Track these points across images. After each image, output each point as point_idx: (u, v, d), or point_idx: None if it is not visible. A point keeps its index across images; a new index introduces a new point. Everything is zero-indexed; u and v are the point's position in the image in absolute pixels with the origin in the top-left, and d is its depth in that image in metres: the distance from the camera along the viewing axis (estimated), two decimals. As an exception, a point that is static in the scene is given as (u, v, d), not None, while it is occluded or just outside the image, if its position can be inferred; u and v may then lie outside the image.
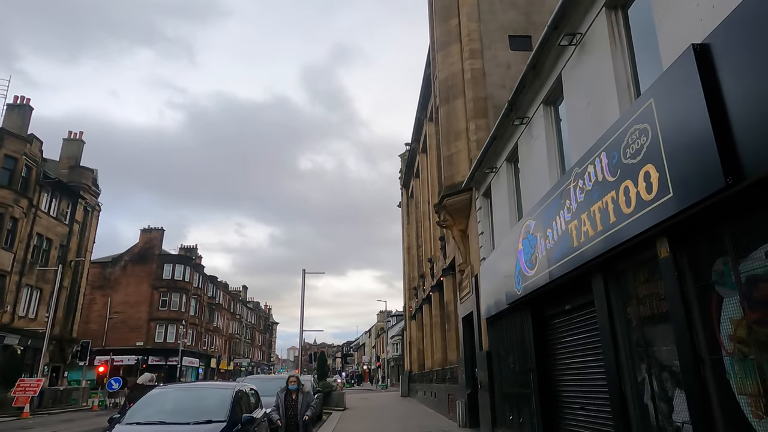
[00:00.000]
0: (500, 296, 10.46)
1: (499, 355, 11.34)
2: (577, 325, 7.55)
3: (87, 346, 31.29)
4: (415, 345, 32.11)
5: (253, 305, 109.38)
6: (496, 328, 11.50)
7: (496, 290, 10.98)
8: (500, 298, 10.47)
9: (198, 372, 66.74)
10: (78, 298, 38.45)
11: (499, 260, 10.57)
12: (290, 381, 8.19)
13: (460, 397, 14.79)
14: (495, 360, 11.60)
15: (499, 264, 10.63)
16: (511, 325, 10.20)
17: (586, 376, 7.24)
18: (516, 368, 9.98)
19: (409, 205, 36.50)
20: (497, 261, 10.80)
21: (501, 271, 10.39)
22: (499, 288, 10.68)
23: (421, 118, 27.30)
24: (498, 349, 11.38)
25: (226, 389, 7.77)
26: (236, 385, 8.14)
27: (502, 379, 11.06)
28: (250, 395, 8.43)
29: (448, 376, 18.63)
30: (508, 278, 9.72)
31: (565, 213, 6.87)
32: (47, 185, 34.07)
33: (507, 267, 9.78)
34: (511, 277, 9.43)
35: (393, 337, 65.13)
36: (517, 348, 9.87)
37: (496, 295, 10.88)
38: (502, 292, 10.32)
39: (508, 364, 10.51)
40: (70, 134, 39.69)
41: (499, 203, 11.36)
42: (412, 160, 33.75)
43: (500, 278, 10.49)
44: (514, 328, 10.03)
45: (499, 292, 10.57)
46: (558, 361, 8.36)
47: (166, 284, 61.52)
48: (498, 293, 10.74)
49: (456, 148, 14.48)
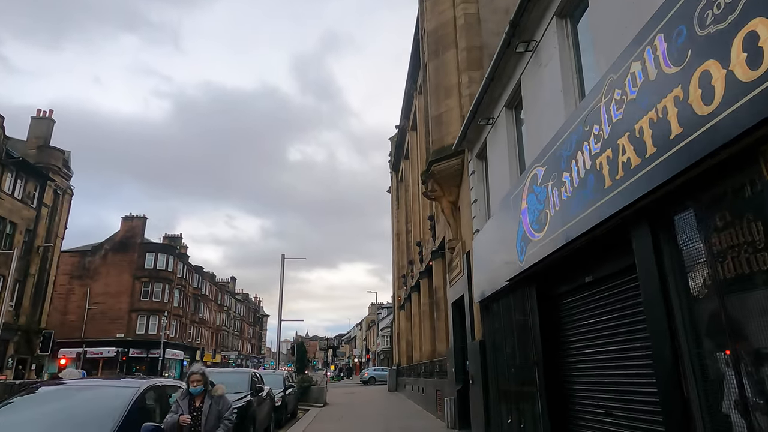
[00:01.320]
0: (497, 273, 8.53)
1: (494, 345, 9.43)
2: (601, 302, 5.62)
3: (50, 336, 29.22)
4: (403, 336, 30.26)
5: (242, 297, 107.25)
6: (491, 312, 9.59)
7: (491, 267, 9.05)
8: (497, 275, 8.54)
9: (182, 365, 64.62)
10: (47, 286, 36.21)
11: (496, 229, 8.63)
12: (192, 380, 5.42)
13: (449, 394, 12.91)
14: (489, 351, 9.69)
15: (495, 234, 8.69)
16: (510, 308, 8.28)
17: (614, 371, 5.32)
18: (516, 361, 8.07)
19: (399, 190, 34.53)
20: (494, 230, 8.86)
21: (498, 241, 8.45)
22: (495, 264, 8.76)
23: (411, 92, 25.27)
24: (493, 338, 9.47)
25: (127, 389, 5.70)
26: (145, 382, 6.12)
27: (498, 374, 9.16)
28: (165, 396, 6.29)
29: (437, 370, 16.76)
30: (507, 249, 7.78)
31: (592, 144, 4.92)
32: (10, 165, 31.77)
33: (506, 235, 7.84)
34: (511, 247, 7.49)
35: (383, 329, 63.45)
36: (517, 336, 7.95)
37: (492, 273, 8.95)
38: (499, 268, 8.39)
39: (506, 356, 8.59)
40: (39, 113, 37.34)
41: (496, 161, 9.41)
42: (401, 140, 31.74)
43: (497, 251, 8.55)
44: (513, 312, 8.11)
45: (496, 268, 8.65)
46: (572, 351, 6.45)
47: (148, 274, 59.26)
48: (494, 270, 8.81)
49: (446, 107, 12.50)
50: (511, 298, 8.15)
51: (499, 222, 8.38)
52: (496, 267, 8.70)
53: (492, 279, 8.95)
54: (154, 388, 6.09)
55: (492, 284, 8.91)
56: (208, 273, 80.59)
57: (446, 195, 12.62)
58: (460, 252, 11.80)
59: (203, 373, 5.61)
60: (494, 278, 8.77)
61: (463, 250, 11.60)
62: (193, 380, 5.48)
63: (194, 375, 5.54)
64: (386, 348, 60.30)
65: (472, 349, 10.60)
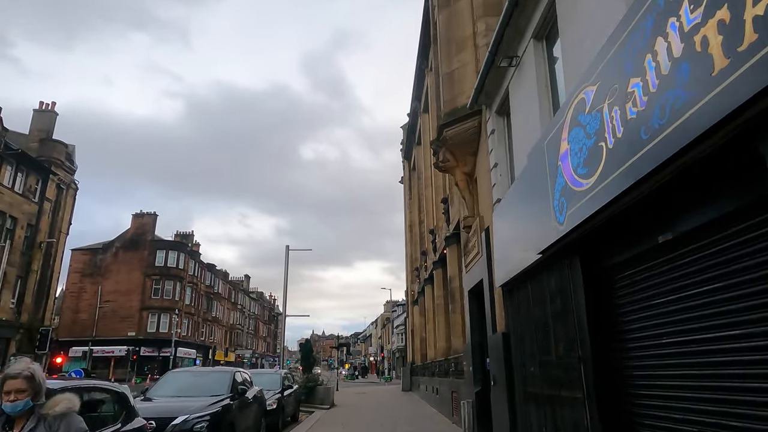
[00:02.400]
0: (525, 247, 6.76)
1: (521, 338, 7.65)
2: (687, 270, 3.83)
3: (47, 334, 28.15)
4: (417, 333, 28.52)
5: (257, 295, 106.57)
6: (517, 298, 7.81)
7: (517, 241, 7.28)
8: (525, 250, 6.77)
9: (195, 363, 63.75)
10: (51, 283, 35.26)
11: (524, 191, 6.85)
12: (7, 390, 2.72)
13: (467, 396, 11.15)
14: (515, 345, 7.92)
15: (522, 198, 6.90)
16: (543, 289, 6.50)
17: (713, 371, 3.53)
18: (551, 357, 6.30)
19: (411, 179, 32.74)
20: (520, 194, 7.08)
21: (526, 206, 6.67)
22: (522, 236, 6.99)
23: (422, 68, 23.47)
24: (520, 330, 7.69)
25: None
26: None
27: (527, 374, 7.38)
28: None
29: (452, 369, 14.99)
30: (539, 212, 6.00)
31: (686, 15, 3.13)
32: (10, 157, 30.77)
33: (537, 194, 6.07)
34: (545, 209, 5.71)
35: (398, 326, 61.75)
36: (553, 325, 6.17)
37: (518, 248, 7.18)
38: (527, 241, 6.62)
39: (537, 351, 6.81)
40: (41, 105, 36.40)
41: (522, 110, 7.61)
42: (413, 126, 29.95)
43: (525, 218, 6.78)
44: (548, 295, 6.34)
45: (523, 241, 6.88)
46: (634, 343, 4.67)
47: (158, 271, 58.49)
48: (521, 244, 7.04)
49: (459, 62, 10.71)
50: (545, 276, 6.36)
51: (528, 180, 6.59)
52: (523, 240, 6.92)
53: (518, 256, 7.17)
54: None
55: (518, 262, 7.13)
56: (221, 271, 79.74)
57: (460, 165, 10.84)
58: (477, 230, 10.03)
59: (30, 376, 2.82)
60: (521, 254, 6.99)
61: (480, 227, 9.82)
62: (8, 390, 2.74)
63: (11, 381, 2.77)
64: (401, 346, 58.56)
65: (494, 344, 8.82)
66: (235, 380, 9.31)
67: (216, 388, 8.85)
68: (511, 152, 8.57)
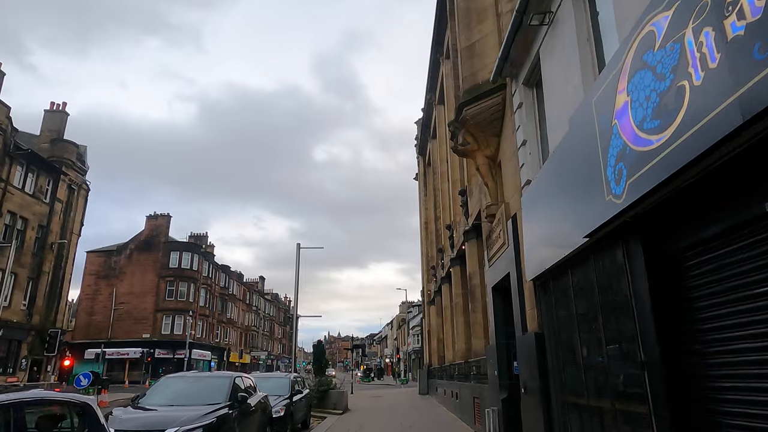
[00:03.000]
0: (564, 233, 5.74)
1: (558, 339, 6.61)
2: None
3: (56, 336, 27.64)
4: (434, 334, 27.47)
5: (272, 297, 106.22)
6: (552, 293, 6.76)
7: (552, 226, 6.25)
8: (563, 236, 5.74)
9: (210, 365, 63.46)
10: (63, 284, 34.93)
11: (563, 165, 5.80)
12: None
13: (491, 403, 10.10)
14: (551, 347, 6.87)
15: (561, 173, 5.86)
16: (588, 281, 5.46)
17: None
18: (598, 360, 5.25)
19: (426, 174, 31.70)
20: (556, 171, 6.04)
21: (566, 182, 5.63)
22: (559, 219, 5.95)
23: (437, 57, 22.43)
24: (557, 329, 6.65)
25: None
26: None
27: (567, 381, 6.33)
28: None
29: (473, 372, 13.94)
30: (584, 188, 4.97)
31: None
32: (20, 158, 30.46)
33: (582, 166, 5.04)
34: (593, 182, 4.68)
35: (414, 327, 60.70)
36: (603, 322, 5.13)
37: (555, 235, 6.15)
38: (568, 224, 5.58)
39: (582, 354, 5.76)
40: (52, 105, 36.15)
41: (557, 74, 6.56)
42: (428, 119, 28.91)
43: (563, 198, 5.73)
44: (594, 287, 5.29)
45: (563, 225, 5.84)
46: (718, 346, 3.62)
47: (172, 273, 58.18)
48: (559, 230, 6.01)
49: (480, 33, 9.69)
50: (592, 263, 5.31)
51: (569, 151, 5.55)
52: (561, 223, 5.89)
53: (555, 243, 6.13)
54: None
55: (554, 251, 6.09)
56: (236, 272, 79.42)
57: (482, 148, 9.81)
58: (502, 218, 8.99)
59: None
60: (559, 241, 5.95)
61: (506, 215, 8.78)
62: None
63: None
64: (417, 347, 57.49)
65: (524, 346, 7.77)
66: (234, 386, 8.37)
67: (213, 396, 7.95)
68: (541, 127, 7.53)
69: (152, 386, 8.68)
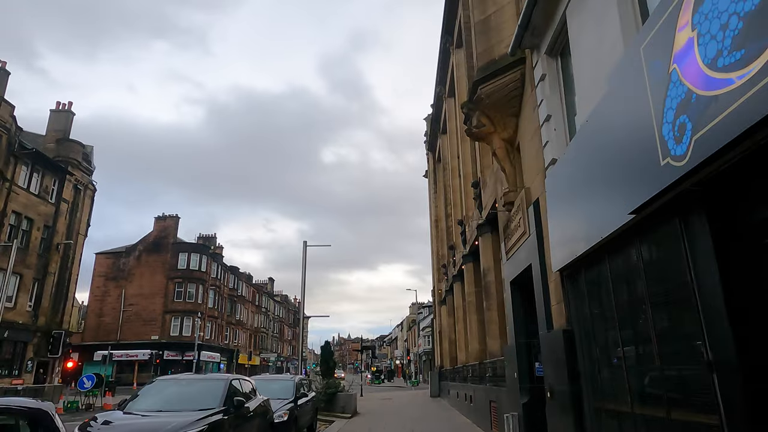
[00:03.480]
0: (601, 212, 4.94)
1: (591, 335, 5.80)
2: None
3: (60, 337, 27.18)
4: (446, 335, 26.63)
5: (281, 298, 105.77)
6: (584, 283, 5.96)
7: (586, 206, 5.45)
8: (600, 216, 4.95)
9: (219, 367, 63.06)
10: (69, 285, 34.55)
11: (600, 133, 5.00)
12: None
13: (510, 407, 9.29)
14: (581, 345, 6.06)
15: (598, 143, 5.06)
16: (632, 266, 4.66)
17: None
18: (647, 360, 4.45)
19: (436, 171, 30.90)
20: (592, 140, 5.23)
21: (606, 151, 4.83)
22: (597, 196, 5.15)
23: (447, 46, 21.62)
24: (590, 324, 5.84)
25: None
26: None
27: (602, 384, 5.52)
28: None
29: (489, 374, 13.12)
30: (631, 152, 4.17)
31: None
32: (25, 157, 30.13)
33: (626, 130, 4.24)
34: (644, 142, 3.88)
35: (424, 329, 59.84)
36: (652, 315, 4.32)
37: (589, 216, 5.35)
38: (606, 200, 4.79)
39: (625, 353, 4.95)
40: (58, 105, 35.85)
41: (589, 35, 5.75)
42: (437, 114, 28.11)
43: (602, 171, 4.93)
44: (640, 273, 4.49)
45: (599, 203, 5.04)
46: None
47: (181, 274, 57.87)
48: (593, 209, 5.21)
49: (496, 5, 8.90)
50: (637, 247, 4.51)
51: (606, 117, 4.75)
52: (596, 203, 5.09)
53: (587, 227, 5.34)
54: None
55: (587, 235, 5.29)
56: (245, 274, 79.08)
57: (498, 130, 9.02)
58: (521, 206, 8.19)
59: None
60: (592, 224, 5.16)
61: (526, 201, 7.98)
62: None
63: None
64: (428, 349, 56.62)
65: (549, 344, 6.96)
66: (230, 390, 7.64)
67: (206, 400, 7.22)
68: (567, 100, 6.74)
69: (142, 389, 7.99)
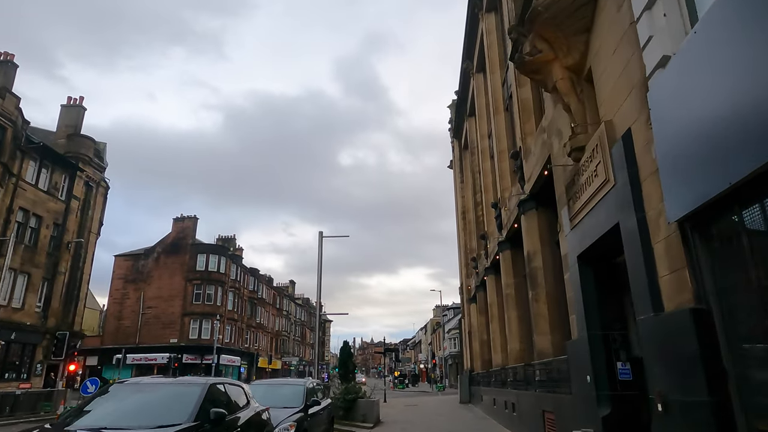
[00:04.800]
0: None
1: (741, 318, 3.59)
2: None
3: (64, 339, 25.73)
4: (476, 335, 24.32)
5: (303, 301, 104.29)
6: (726, 240, 3.75)
7: (733, 111, 3.24)
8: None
9: (240, 371, 61.64)
10: (81, 285, 33.31)
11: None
12: None
13: (580, 421, 7.05)
14: (725, 332, 3.85)
15: None
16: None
17: None
18: None
19: (462, 159, 28.67)
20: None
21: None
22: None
23: (475, 12, 19.46)
24: (743, 299, 3.63)
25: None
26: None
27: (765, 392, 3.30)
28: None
29: (538, 377, 10.86)
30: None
31: None
32: (33, 152, 28.94)
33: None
34: None
35: (450, 331, 57.38)
36: None
37: (741, 129, 3.14)
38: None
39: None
40: (69, 100, 34.82)
41: None
42: (464, 94, 25.91)
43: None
44: None
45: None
46: None
47: (199, 276, 56.57)
48: (750, 114, 3.01)
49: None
50: None
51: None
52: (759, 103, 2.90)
53: (736, 147, 3.15)
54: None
55: (738, 161, 3.10)
56: (265, 276, 77.69)
57: (560, 56, 6.84)
58: (600, 146, 5.98)
59: None
60: (749, 140, 2.97)
61: (609, 139, 5.78)
62: None
63: None
64: (454, 352, 54.12)
65: (661, 333, 4.74)
66: (207, 399, 5.65)
67: (170, 414, 5.22)
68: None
69: (94, 396, 6.03)
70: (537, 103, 12.37)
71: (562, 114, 7.50)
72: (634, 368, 6.57)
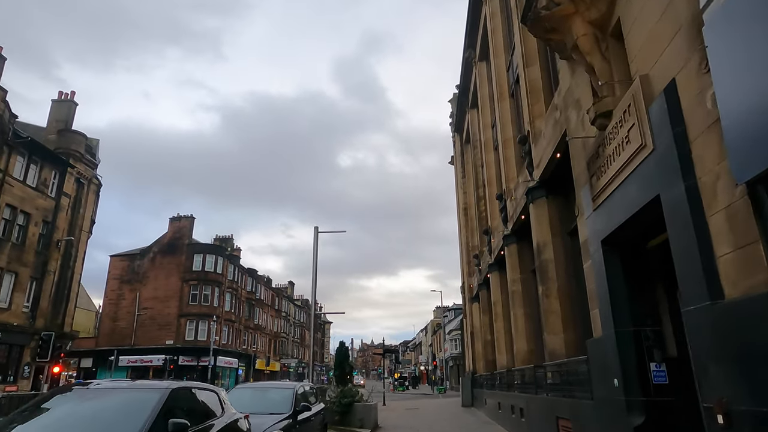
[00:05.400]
0: None
1: None
2: None
3: (49, 340, 24.73)
4: (479, 336, 23.35)
5: (302, 303, 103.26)
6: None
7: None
8: None
9: (237, 373, 60.65)
10: (71, 285, 32.35)
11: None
12: None
13: (610, 431, 6.11)
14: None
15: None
16: None
17: None
18: None
19: (464, 153, 27.75)
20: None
21: None
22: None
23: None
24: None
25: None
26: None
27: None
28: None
29: (550, 380, 9.91)
30: None
31: None
32: (21, 147, 28.00)
33: None
34: None
35: (451, 332, 56.37)
36: None
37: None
38: None
39: None
40: (60, 94, 33.94)
41: None
42: (465, 85, 24.99)
43: None
44: None
45: None
46: None
47: (196, 276, 55.53)
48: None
49: None
50: None
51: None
52: None
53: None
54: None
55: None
56: (263, 277, 76.64)
57: (581, 10, 5.92)
58: (634, 107, 5.06)
59: None
60: None
61: (645, 98, 4.84)
62: None
63: None
64: (455, 353, 53.09)
65: (721, 327, 3.80)
66: (168, 406, 4.70)
67: (118, 427, 4.31)
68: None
69: (35, 405, 5.09)
70: (546, 83, 11.46)
71: (583, 80, 6.57)
72: (669, 370, 5.64)
